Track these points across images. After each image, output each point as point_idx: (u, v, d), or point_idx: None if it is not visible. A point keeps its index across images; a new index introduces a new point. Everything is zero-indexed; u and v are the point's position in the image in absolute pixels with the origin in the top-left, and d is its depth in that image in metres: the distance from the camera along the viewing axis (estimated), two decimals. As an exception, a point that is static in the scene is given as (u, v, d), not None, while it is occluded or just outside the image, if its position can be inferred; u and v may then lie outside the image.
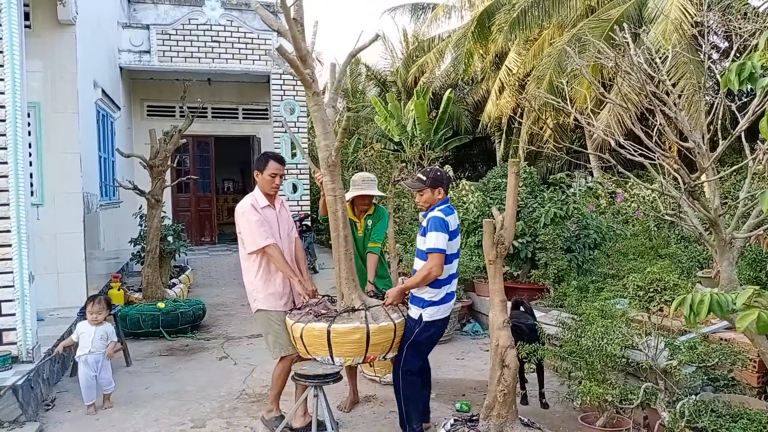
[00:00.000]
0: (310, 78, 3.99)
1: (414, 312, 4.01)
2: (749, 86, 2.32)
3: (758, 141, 4.65)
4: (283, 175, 4.48)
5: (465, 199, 10.66)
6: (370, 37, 4.50)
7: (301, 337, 3.93)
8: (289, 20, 3.81)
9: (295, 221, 12.33)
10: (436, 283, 3.93)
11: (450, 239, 3.90)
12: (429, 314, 3.95)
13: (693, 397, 3.56)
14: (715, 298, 1.99)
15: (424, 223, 4.00)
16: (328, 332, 3.80)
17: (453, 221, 3.96)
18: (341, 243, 4.09)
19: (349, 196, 4.81)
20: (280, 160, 4.45)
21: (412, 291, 4.04)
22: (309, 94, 4.07)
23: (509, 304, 4.53)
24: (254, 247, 4.27)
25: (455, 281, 4.13)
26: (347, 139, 17.05)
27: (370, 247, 4.87)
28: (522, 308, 5.20)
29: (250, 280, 4.41)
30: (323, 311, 4.04)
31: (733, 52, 4.91)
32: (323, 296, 4.40)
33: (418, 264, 4.03)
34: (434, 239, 3.83)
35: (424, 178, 4.04)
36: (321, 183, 4.24)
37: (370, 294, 4.41)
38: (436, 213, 3.92)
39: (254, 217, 4.26)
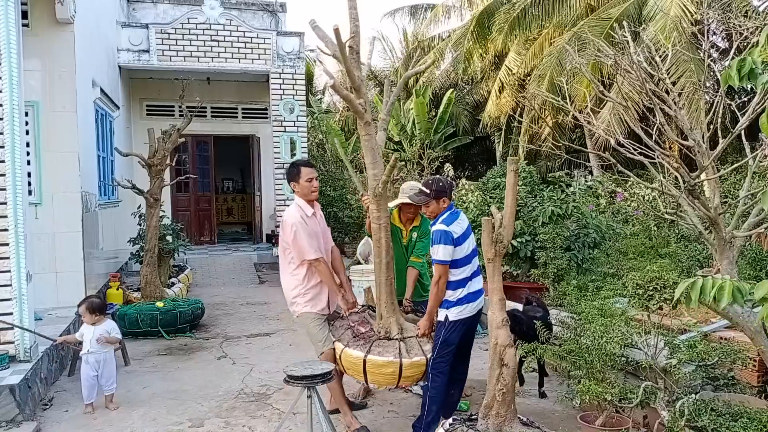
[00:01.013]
0: (363, 108, 4.09)
1: (440, 314, 4.07)
2: (749, 85, 2.30)
3: (761, 138, 4.63)
4: (317, 177, 4.57)
5: (465, 198, 10.65)
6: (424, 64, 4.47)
7: (339, 358, 4.22)
8: (343, 49, 3.86)
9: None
10: (451, 286, 4.01)
11: (458, 244, 3.95)
12: (454, 314, 4.00)
13: (693, 396, 3.55)
14: (735, 285, 1.94)
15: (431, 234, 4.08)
16: (364, 361, 4.03)
17: (458, 227, 4.00)
18: (383, 269, 4.27)
19: (396, 202, 4.85)
20: (310, 164, 4.64)
21: None
22: (361, 124, 4.17)
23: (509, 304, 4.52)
24: (301, 259, 4.40)
25: (477, 280, 4.14)
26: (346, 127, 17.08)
27: (412, 261, 4.87)
28: (535, 303, 5.24)
29: (292, 287, 4.50)
30: (363, 329, 4.26)
31: (733, 51, 4.89)
32: (363, 306, 4.59)
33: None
34: (437, 252, 3.94)
35: (428, 191, 4.06)
36: (367, 208, 4.38)
37: (407, 309, 4.59)
38: (439, 226, 3.97)
39: (304, 230, 4.35)
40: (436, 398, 4.04)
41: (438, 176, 4.22)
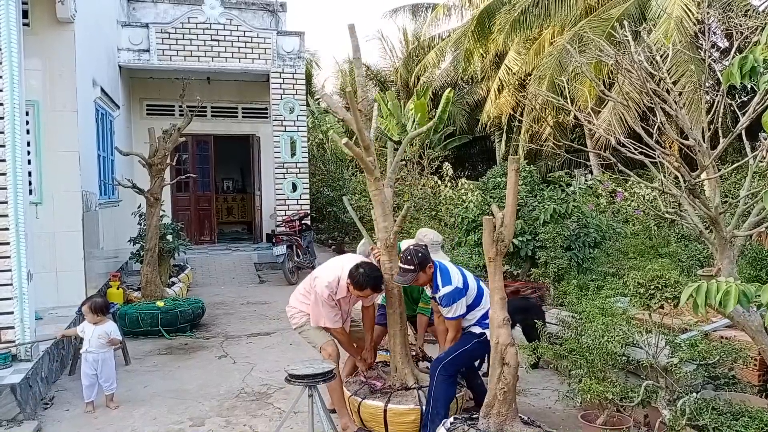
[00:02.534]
0: (372, 165, 4.29)
1: (477, 329, 4.11)
2: (749, 84, 2.30)
3: (760, 138, 4.63)
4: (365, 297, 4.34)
5: (464, 198, 10.66)
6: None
7: (358, 410, 4.24)
8: (355, 113, 4.19)
9: (294, 220, 12.28)
10: (481, 319, 4.08)
11: (467, 290, 4.02)
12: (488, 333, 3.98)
13: (694, 395, 3.55)
14: (740, 289, 1.94)
15: (437, 299, 4.10)
16: (385, 411, 4.09)
17: (455, 279, 4.00)
18: (396, 320, 4.37)
19: (408, 243, 4.76)
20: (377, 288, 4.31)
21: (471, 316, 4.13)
22: (370, 179, 4.36)
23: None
24: (316, 323, 4.39)
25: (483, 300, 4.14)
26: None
27: (422, 308, 4.85)
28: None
29: (298, 309, 4.53)
30: (378, 384, 4.33)
31: (734, 50, 4.89)
32: (378, 363, 4.67)
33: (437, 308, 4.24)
34: (454, 311, 4.00)
35: (412, 267, 3.96)
36: (378, 260, 4.40)
37: (417, 358, 4.71)
38: (443, 291, 3.96)
39: (329, 304, 4.26)
40: (441, 395, 3.99)
41: (412, 248, 4.08)
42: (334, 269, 4.33)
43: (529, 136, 15.32)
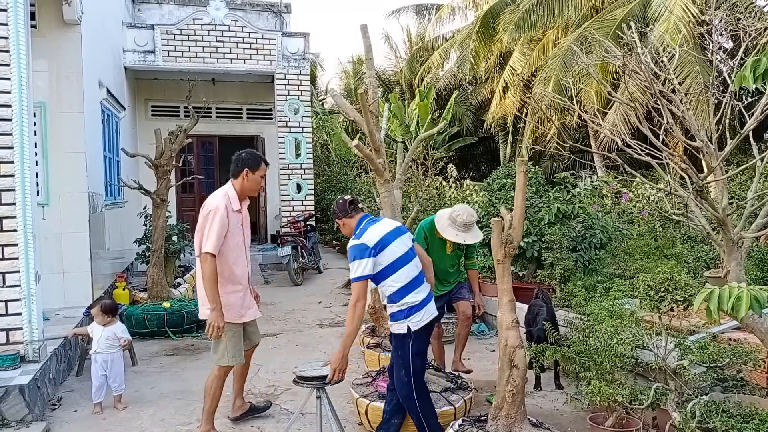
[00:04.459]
0: (383, 167, 4.34)
1: (400, 327, 3.78)
2: (754, 86, 2.30)
3: (766, 139, 4.62)
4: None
5: (469, 199, 10.65)
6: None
7: (366, 413, 4.25)
8: (366, 115, 4.19)
9: (299, 221, 12.27)
10: (398, 295, 3.76)
11: (379, 251, 3.72)
12: (415, 322, 3.76)
13: (704, 397, 3.54)
14: (753, 294, 1.94)
15: None
16: None
17: (373, 235, 3.75)
18: None
19: (452, 237, 4.81)
20: (267, 163, 4.47)
21: (389, 311, 3.87)
22: (380, 181, 4.42)
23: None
24: (199, 250, 4.06)
25: (421, 289, 3.84)
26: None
27: (470, 264, 5.35)
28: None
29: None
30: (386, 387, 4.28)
31: (741, 51, 4.88)
32: (382, 367, 4.75)
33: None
34: (353, 269, 3.72)
35: (335, 212, 4.03)
36: None
37: (478, 315, 5.03)
38: (350, 243, 3.81)
39: (219, 222, 4.02)
40: (430, 412, 3.84)
41: (340, 198, 4.05)
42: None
43: (534, 137, 15.31)
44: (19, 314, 4.90)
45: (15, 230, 4.86)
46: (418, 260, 3.93)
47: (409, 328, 3.76)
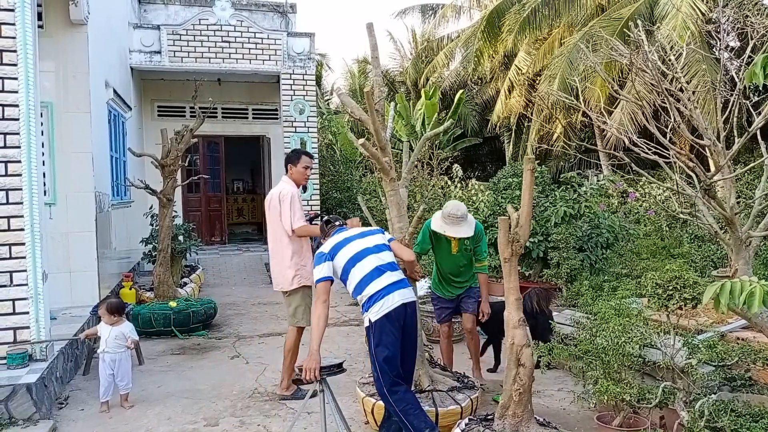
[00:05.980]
0: (389, 165, 4.37)
1: (365, 321, 3.81)
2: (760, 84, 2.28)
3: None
4: (311, 167, 5.28)
5: (474, 198, 10.63)
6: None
7: (372, 411, 4.22)
8: (372, 113, 4.24)
9: (306, 221, 12.38)
10: (357, 290, 3.82)
11: (334, 255, 3.90)
12: (374, 313, 3.72)
13: (712, 396, 3.52)
14: (765, 289, 1.91)
15: None
16: None
17: (330, 242, 4.01)
18: None
19: (437, 228, 4.98)
20: (311, 155, 5.35)
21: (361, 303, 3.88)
22: (386, 180, 4.44)
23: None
24: (296, 225, 4.98)
25: (383, 277, 3.78)
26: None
27: (478, 267, 5.22)
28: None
29: (290, 261, 5.04)
30: None
31: (748, 50, 4.85)
32: None
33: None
34: (314, 274, 3.89)
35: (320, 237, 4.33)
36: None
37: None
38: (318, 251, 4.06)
39: (297, 202, 5.03)
40: (410, 408, 3.67)
41: (325, 218, 4.39)
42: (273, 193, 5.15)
43: (539, 137, 15.28)
44: (27, 313, 4.92)
45: (22, 229, 4.88)
46: (386, 254, 3.94)
47: (370, 320, 3.75)
